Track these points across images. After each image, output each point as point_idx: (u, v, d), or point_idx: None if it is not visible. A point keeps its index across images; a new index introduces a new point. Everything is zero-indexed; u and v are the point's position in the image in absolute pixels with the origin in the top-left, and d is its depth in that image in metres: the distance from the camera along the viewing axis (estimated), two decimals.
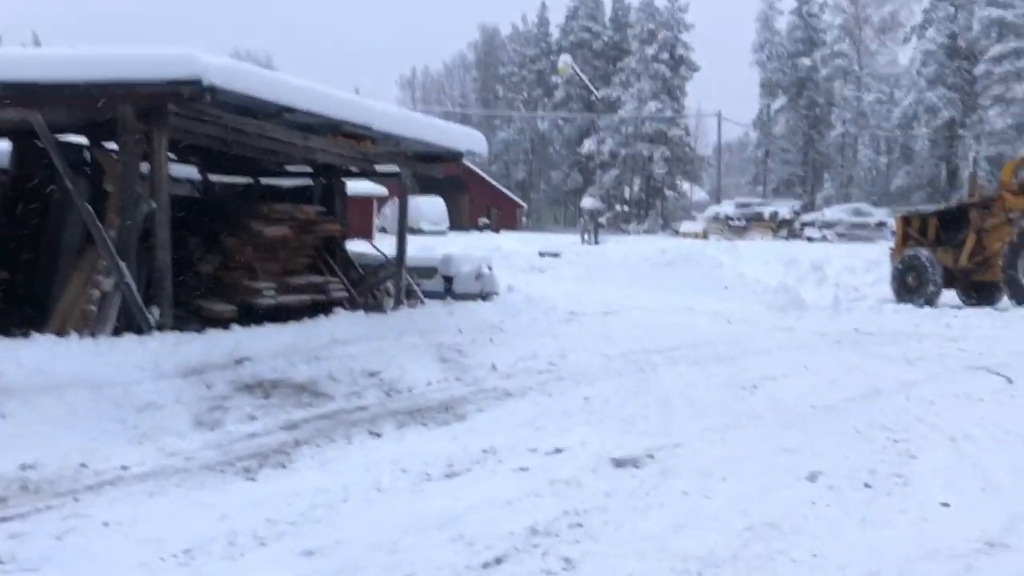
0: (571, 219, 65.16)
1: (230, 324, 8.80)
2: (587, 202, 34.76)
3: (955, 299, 15.34)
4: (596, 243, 29.54)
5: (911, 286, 14.88)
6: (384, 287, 10.98)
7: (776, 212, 41.38)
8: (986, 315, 12.68)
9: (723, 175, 64.35)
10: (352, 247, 12.01)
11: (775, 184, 59.36)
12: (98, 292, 7.62)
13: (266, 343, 8.42)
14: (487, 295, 11.68)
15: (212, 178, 14.26)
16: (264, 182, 13.22)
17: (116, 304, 7.49)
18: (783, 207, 42.52)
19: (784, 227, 40.67)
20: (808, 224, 39.73)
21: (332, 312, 9.05)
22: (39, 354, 6.36)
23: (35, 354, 6.34)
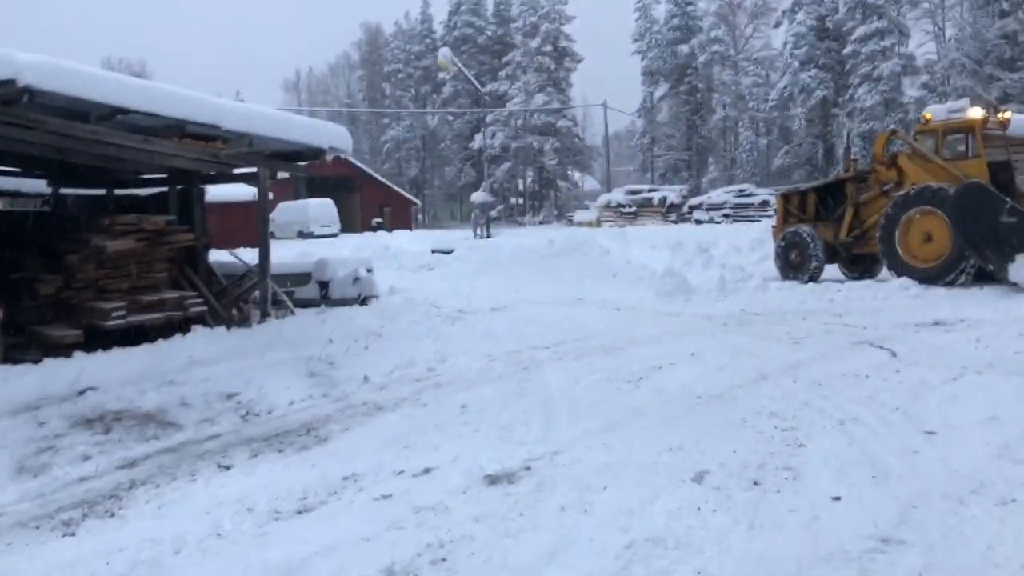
0: (467, 215, 64.60)
1: (74, 350, 7.98)
2: (478, 196, 34.28)
3: (838, 273, 15.57)
4: (488, 237, 29.12)
5: (794, 263, 15.05)
6: (252, 298, 10.22)
7: (665, 197, 42.21)
8: (867, 288, 12.83)
9: (613, 164, 64.93)
10: (217, 257, 11.18)
11: (662, 170, 60.32)
12: None
13: (114, 370, 7.63)
14: (366, 299, 11.01)
15: (65, 191, 13.24)
16: (120, 192, 12.23)
17: None
18: (671, 192, 43.39)
19: (673, 211, 41.51)
20: (696, 207, 40.61)
21: (190, 330, 8.27)
22: None
23: None
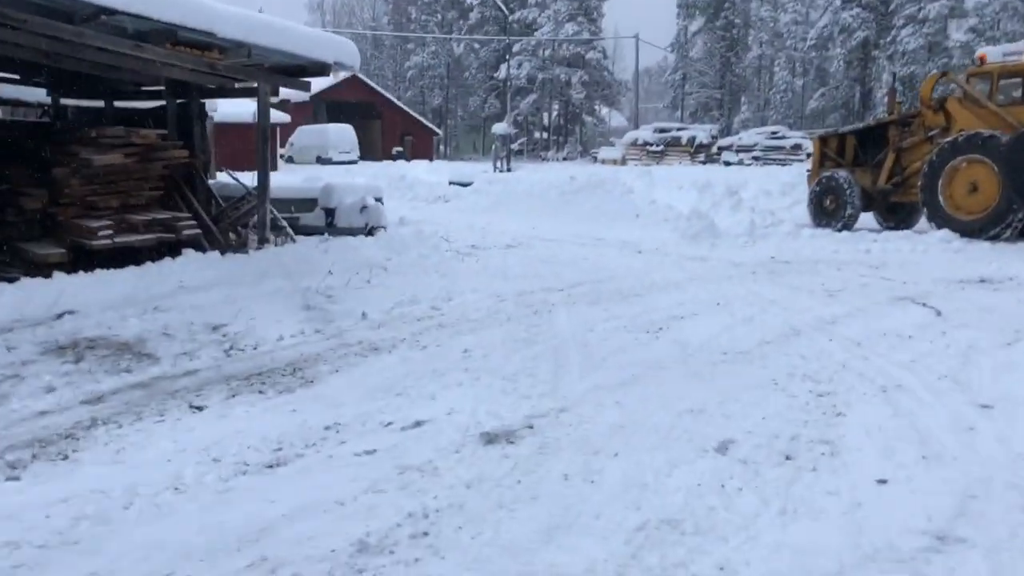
0: (490, 147, 63.43)
1: (58, 270, 7.50)
2: (499, 128, 33.35)
3: (872, 222, 14.82)
4: (508, 171, 28.35)
5: (828, 209, 14.32)
6: (252, 223, 9.67)
7: (694, 137, 41.10)
8: (905, 239, 12.11)
9: (642, 100, 63.44)
10: (224, 179, 10.62)
11: (693, 108, 58.74)
12: None
13: (97, 293, 7.16)
14: (373, 229, 10.43)
15: (66, 102, 12.70)
16: (120, 105, 11.65)
17: None
18: (701, 132, 42.23)
19: (702, 151, 40.45)
20: (725, 148, 39.50)
21: (181, 254, 7.76)
22: None
23: None
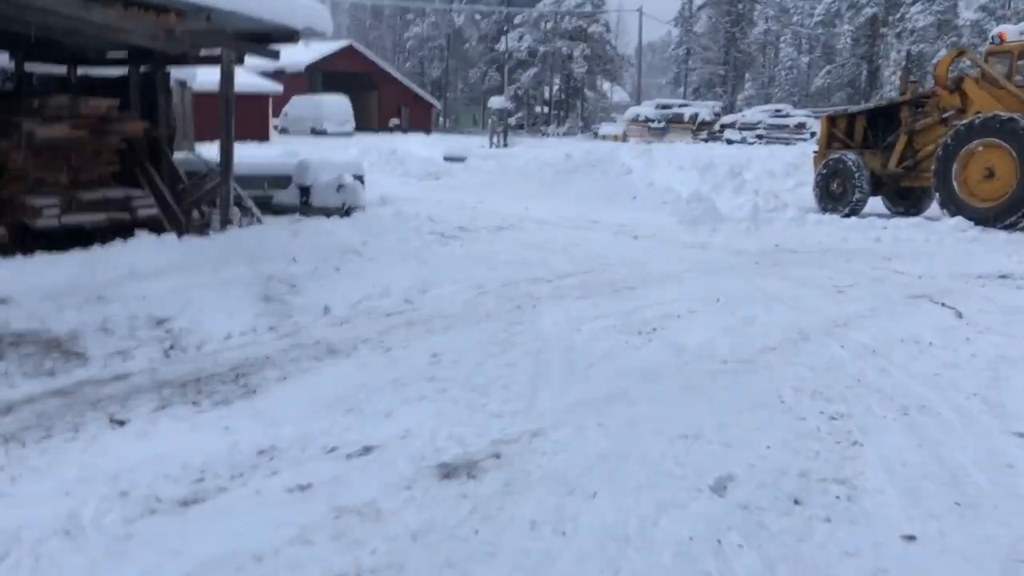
0: (489, 120, 62.66)
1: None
2: (495, 102, 32.51)
3: (880, 207, 14.19)
4: (505, 146, 27.60)
5: (835, 193, 13.70)
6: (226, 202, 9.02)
7: (696, 114, 40.27)
8: (917, 227, 11.48)
9: (644, 75, 62.42)
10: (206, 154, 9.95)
11: (696, 85, 57.75)
12: None
13: (37, 279, 6.52)
14: (350, 210, 9.78)
15: (31, 68, 12.00)
16: (85, 74, 10.95)
17: None
18: (703, 108, 41.40)
19: (704, 129, 39.62)
20: (728, 126, 38.69)
21: (133, 236, 7.12)
22: None
23: None
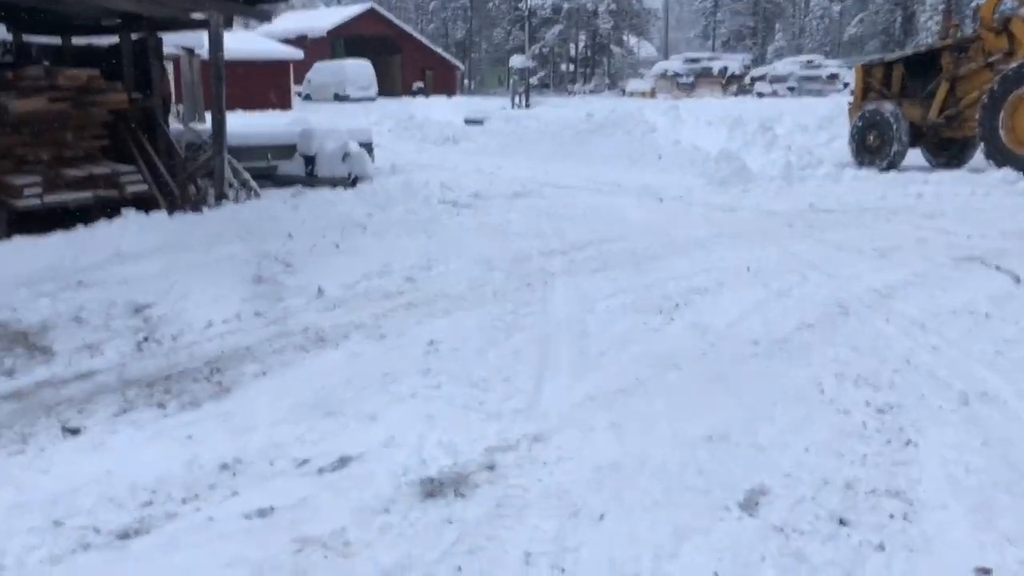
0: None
1: None
2: (516, 61, 31.62)
3: (920, 159, 13.38)
4: (527, 106, 26.86)
5: (872, 146, 12.94)
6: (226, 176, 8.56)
7: (726, 67, 39.17)
8: (961, 180, 10.74)
9: (672, 29, 60.87)
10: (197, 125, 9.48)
11: (725, 37, 56.25)
12: None
13: (15, 264, 6.14)
14: (357, 179, 9.29)
15: (31, 39, 11.61)
16: (82, 42, 10.52)
17: None
18: (733, 61, 40.26)
19: (734, 83, 38.54)
20: (758, 79, 37.56)
21: (119, 215, 6.69)
22: None
23: None
